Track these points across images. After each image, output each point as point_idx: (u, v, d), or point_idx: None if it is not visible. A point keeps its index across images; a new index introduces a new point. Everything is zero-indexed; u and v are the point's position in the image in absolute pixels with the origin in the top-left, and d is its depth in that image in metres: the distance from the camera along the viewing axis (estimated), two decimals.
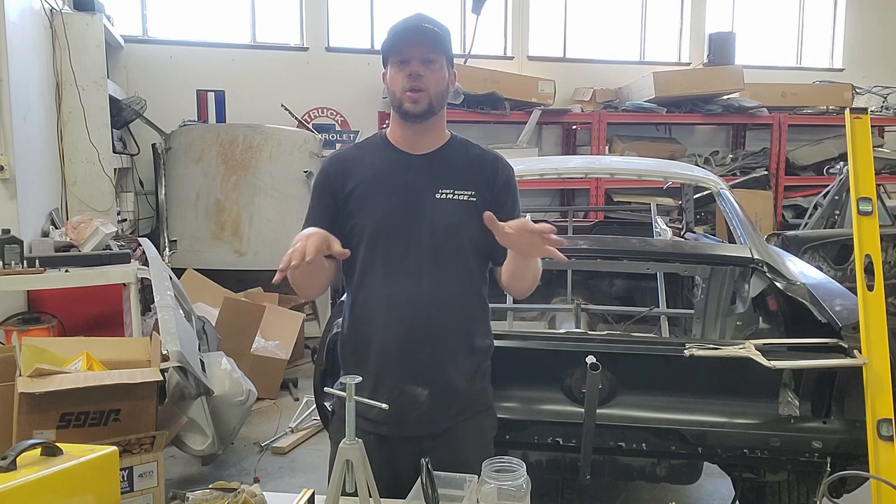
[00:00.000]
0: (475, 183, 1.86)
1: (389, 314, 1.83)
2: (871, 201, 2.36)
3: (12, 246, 3.70)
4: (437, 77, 1.80)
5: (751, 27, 9.07)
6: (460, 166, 1.88)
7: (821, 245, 5.14)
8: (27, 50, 4.53)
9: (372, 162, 1.89)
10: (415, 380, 1.83)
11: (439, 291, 1.82)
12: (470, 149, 1.93)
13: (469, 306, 1.89)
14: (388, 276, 1.83)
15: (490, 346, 1.97)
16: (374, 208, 1.84)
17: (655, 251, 3.29)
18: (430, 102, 1.80)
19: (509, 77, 7.45)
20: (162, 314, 3.14)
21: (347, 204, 1.85)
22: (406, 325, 1.82)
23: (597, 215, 6.31)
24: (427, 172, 1.85)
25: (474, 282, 1.89)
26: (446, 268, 1.83)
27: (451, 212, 1.83)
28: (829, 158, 8.17)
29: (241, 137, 5.84)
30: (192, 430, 3.19)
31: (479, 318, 1.93)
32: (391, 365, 1.83)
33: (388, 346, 1.83)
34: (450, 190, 1.84)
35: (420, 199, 1.83)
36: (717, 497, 3.44)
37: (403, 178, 1.85)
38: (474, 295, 1.90)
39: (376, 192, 1.84)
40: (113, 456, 1.40)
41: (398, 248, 1.82)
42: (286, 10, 7.50)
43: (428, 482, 1.47)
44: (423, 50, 1.77)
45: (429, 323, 1.82)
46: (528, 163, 4.27)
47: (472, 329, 1.90)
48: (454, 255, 1.84)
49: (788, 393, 2.50)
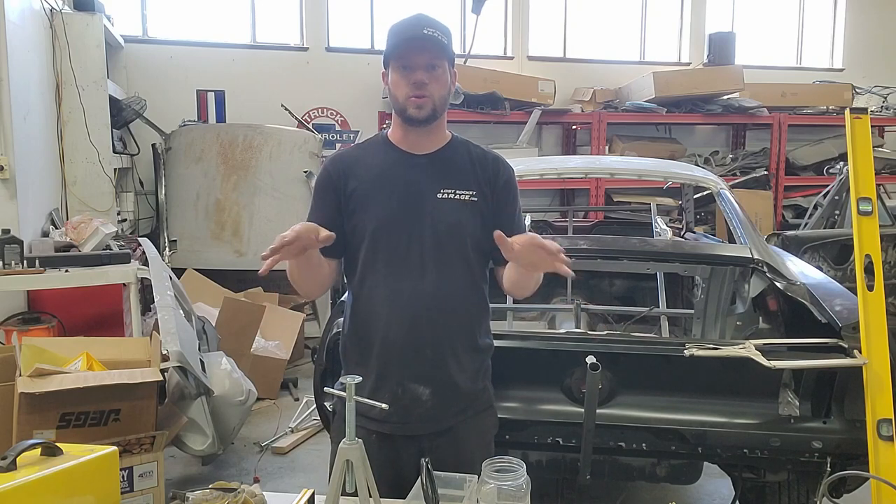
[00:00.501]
0: (476, 183, 1.87)
1: (392, 313, 1.83)
2: (871, 201, 2.37)
3: (12, 246, 3.70)
4: (441, 83, 1.81)
5: (751, 27, 9.07)
6: (461, 166, 1.89)
7: (821, 245, 5.14)
8: (27, 50, 4.52)
9: (374, 162, 1.89)
10: (417, 378, 1.83)
11: (441, 290, 1.83)
12: (471, 149, 1.94)
13: (471, 305, 1.90)
14: (390, 274, 1.83)
15: (491, 346, 1.97)
16: (376, 208, 1.84)
17: (655, 251, 3.29)
18: (433, 108, 1.81)
19: (509, 77, 7.45)
20: (162, 314, 3.14)
21: (349, 203, 1.86)
22: (408, 324, 1.82)
23: (597, 215, 6.31)
24: (428, 172, 1.86)
25: (475, 281, 1.90)
26: (448, 267, 1.84)
27: (453, 211, 1.84)
28: (829, 158, 8.17)
29: (241, 137, 5.84)
30: (192, 430, 3.19)
31: (481, 316, 1.94)
32: (394, 363, 1.83)
33: (391, 344, 1.84)
34: (451, 190, 1.85)
35: (422, 198, 1.84)
36: (717, 497, 3.44)
37: (405, 178, 1.85)
38: (476, 294, 1.91)
39: (378, 191, 1.85)
40: (113, 456, 1.40)
41: (400, 247, 1.83)
42: (286, 10, 7.50)
43: (428, 482, 1.47)
44: (426, 57, 1.78)
45: (431, 321, 1.82)
46: (528, 163, 4.27)
47: (474, 328, 1.91)
48: (456, 254, 1.85)
49: (788, 393, 2.50)
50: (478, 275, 1.90)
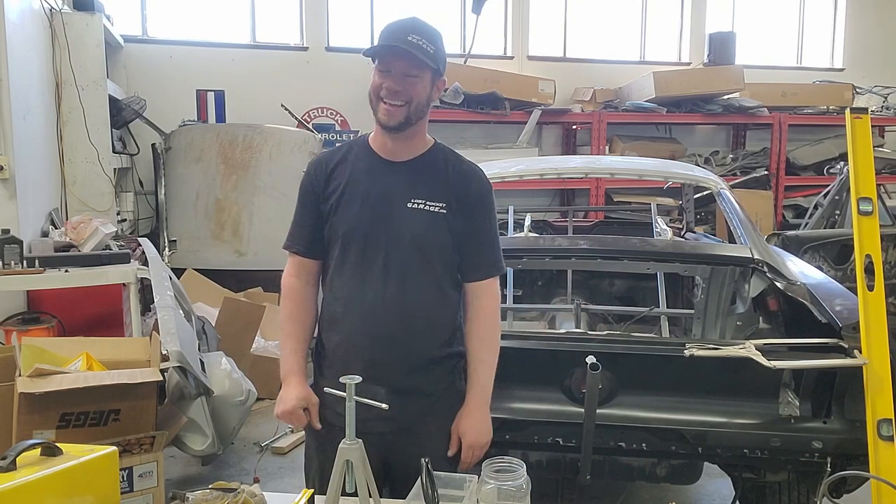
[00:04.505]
0: (448, 195, 1.89)
1: (354, 316, 1.88)
2: (871, 201, 2.37)
3: (12, 246, 3.71)
4: (416, 91, 1.82)
5: (751, 27, 9.06)
6: (436, 177, 1.91)
7: (821, 245, 5.13)
8: (27, 50, 4.52)
9: (353, 166, 1.92)
10: (377, 380, 1.82)
11: (403, 297, 1.86)
12: (450, 160, 1.95)
13: (436, 313, 1.91)
14: (354, 278, 1.88)
15: (461, 352, 1.96)
16: (347, 212, 1.88)
17: (655, 251, 3.29)
18: (406, 116, 1.82)
19: (509, 77, 7.44)
20: (162, 314, 3.14)
21: (327, 206, 1.91)
22: (369, 327, 1.86)
23: (597, 215, 6.30)
24: (402, 181, 1.89)
25: (442, 289, 1.91)
26: (412, 275, 1.87)
27: (420, 222, 1.86)
28: (829, 158, 8.17)
29: (240, 137, 5.84)
30: (192, 430, 3.19)
31: (448, 323, 1.94)
32: (354, 365, 1.82)
33: (351, 346, 1.88)
34: (422, 200, 1.87)
35: (392, 206, 1.87)
36: (717, 497, 3.43)
37: (379, 185, 1.88)
38: (441, 301, 1.91)
39: (353, 196, 1.88)
40: (113, 456, 1.40)
41: (367, 253, 1.86)
42: (286, 10, 7.50)
43: (428, 482, 1.47)
44: (404, 64, 1.79)
45: (391, 327, 1.86)
46: (528, 163, 4.27)
47: (440, 334, 1.92)
48: (420, 263, 1.87)
49: (788, 393, 2.50)
50: (446, 283, 1.91)
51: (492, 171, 3.97)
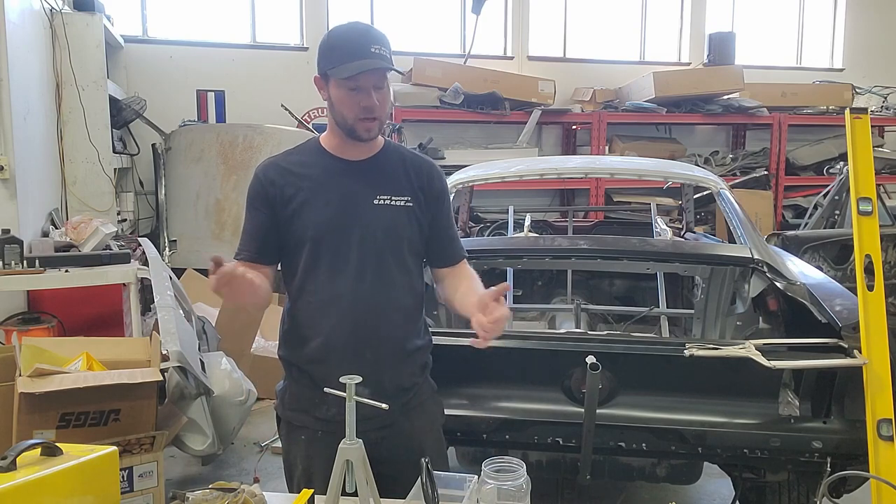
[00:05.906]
0: (411, 189, 1.92)
1: (332, 317, 1.87)
2: (871, 201, 2.37)
3: (12, 246, 3.71)
4: (386, 100, 1.86)
5: (751, 27, 9.07)
6: (396, 173, 1.93)
7: (821, 245, 5.13)
8: (27, 50, 4.52)
9: (310, 170, 1.91)
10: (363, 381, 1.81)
11: (380, 294, 1.87)
12: (405, 155, 2.00)
13: (408, 307, 1.94)
14: (329, 280, 1.87)
15: (430, 342, 2.03)
16: (313, 215, 1.87)
17: (655, 251, 3.29)
18: (381, 126, 1.87)
19: (509, 77, 7.44)
20: (162, 314, 3.14)
21: (286, 210, 1.88)
22: (350, 328, 1.86)
23: (597, 215, 6.30)
24: (364, 179, 1.90)
25: (412, 282, 1.95)
26: (386, 271, 1.88)
27: (389, 216, 1.88)
28: (829, 158, 8.16)
29: (240, 137, 5.84)
30: (192, 430, 3.19)
31: (417, 316, 1.99)
32: (334, 366, 1.79)
33: (331, 348, 1.87)
34: (387, 196, 1.89)
35: (358, 204, 1.88)
36: (717, 497, 3.44)
37: (342, 185, 1.89)
38: (411, 295, 1.95)
39: (315, 198, 1.87)
40: (113, 456, 1.40)
41: (340, 254, 1.86)
42: (286, 10, 7.50)
43: (428, 482, 1.47)
44: (375, 78, 1.80)
45: (371, 325, 1.87)
46: (528, 163, 4.27)
47: (412, 328, 1.96)
48: (393, 258, 1.89)
49: (788, 393, 2.50)
50: (414, 277, 1.95)
51: (492, 171, 3.99)
